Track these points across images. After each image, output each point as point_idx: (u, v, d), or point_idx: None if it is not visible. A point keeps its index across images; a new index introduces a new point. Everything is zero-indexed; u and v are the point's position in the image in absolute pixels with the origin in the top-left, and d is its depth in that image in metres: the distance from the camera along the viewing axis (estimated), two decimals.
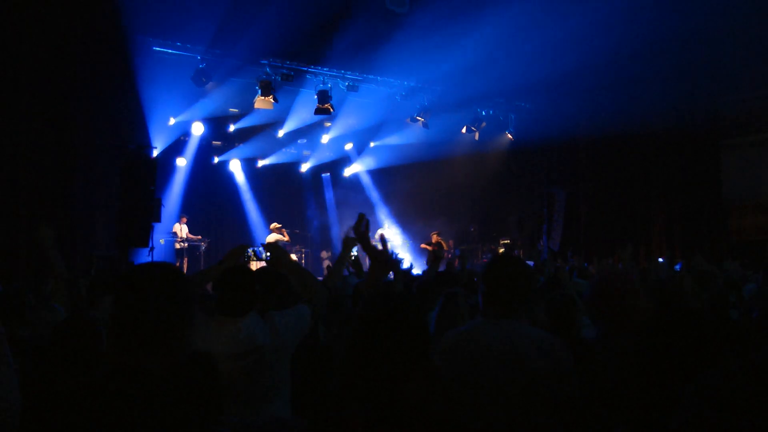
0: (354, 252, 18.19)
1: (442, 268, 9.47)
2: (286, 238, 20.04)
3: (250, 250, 3.83)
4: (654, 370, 2.41)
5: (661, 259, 17.26)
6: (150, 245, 15.12)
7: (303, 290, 4.38)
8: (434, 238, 21.19)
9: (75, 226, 13.48)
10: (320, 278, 5.76)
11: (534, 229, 23.31)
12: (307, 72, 18.79)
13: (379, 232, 20.34)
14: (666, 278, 7.43)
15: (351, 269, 9.90)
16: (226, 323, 3.90)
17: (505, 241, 22.41)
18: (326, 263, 22.00)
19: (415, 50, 17.53)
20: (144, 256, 15.41)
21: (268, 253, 4.39)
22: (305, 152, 24.31)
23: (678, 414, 1.79)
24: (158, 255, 17.85)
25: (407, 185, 23.82)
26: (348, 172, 25.27)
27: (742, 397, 1.67)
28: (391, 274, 4.33)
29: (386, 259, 3.77)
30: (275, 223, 20.20)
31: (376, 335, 2.22)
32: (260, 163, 23.29)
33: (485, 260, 21.35)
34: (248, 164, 23.17)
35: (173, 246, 18.53)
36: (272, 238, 19.27)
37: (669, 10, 17.14)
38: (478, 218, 23.77)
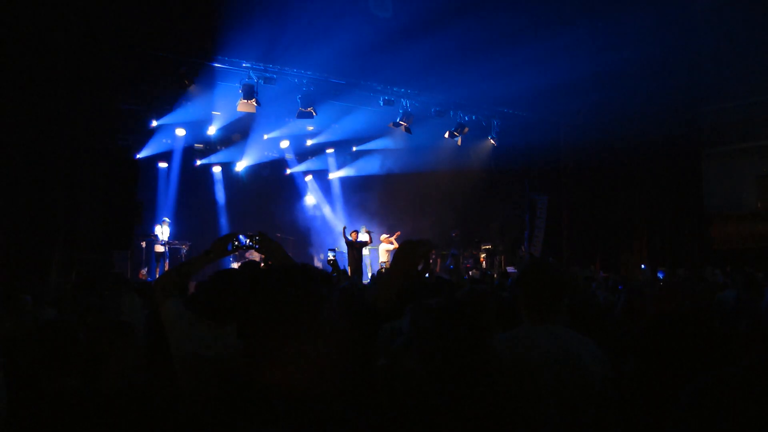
0: (330, 256, 18.24)
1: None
2: (396, 246, 20.63)
3: (240, 238, 3.75)
4: (657, 372, 2.44)
5: (642, 266, 17.35)
6: (131, 247, 15.08)
7: None
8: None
9: (56, 228, 13.36)
10: None
11: (516, 235, 23.37)
12: (289, 75, 18.73)
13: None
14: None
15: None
16: (213, 327, 3.86)
17: (487, 247, 22.43)
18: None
19: (398, 55, 17.51)
20: (124, 259, 15.36)
21: (255, 243, 4.28)
22: (288, 156, 24.24)
23: (672, 414, 1.80)
24: (139, 257, 17.80)
25: (389, 190, 23.80)
26: (330, 176, 25.22)
27: (735, 400, 1.67)
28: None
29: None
30: (385, 235, 21.17)
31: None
32: (242, 167, 23.19)
33: (468, 265, 21.38)
34: (230, 167, 23.08)
35: (154, 248, 18.42)
36: (383, 248, 20.86)
37: (652, 23, 17.26)
38: (461, 223, 23.75)
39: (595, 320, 4.78)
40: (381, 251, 21.16)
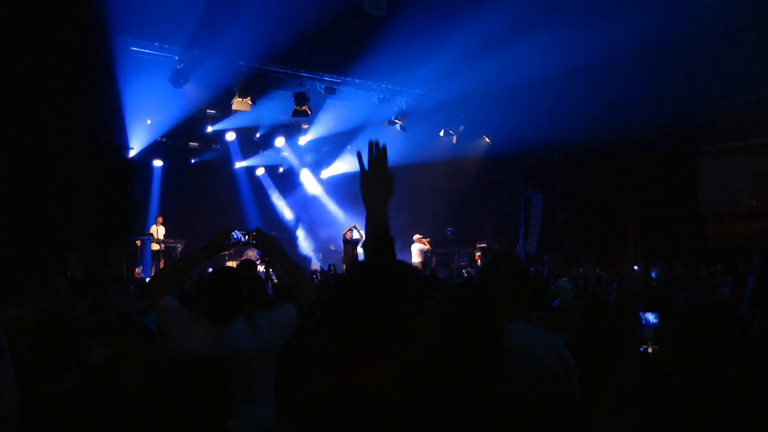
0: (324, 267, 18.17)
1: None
2: (428, 247, 21.20)
3: (235, 234, 3.75)
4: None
5: (636, 267, 17.34)
6: (126, 246, 15.08)
7: (290, 283, 4.33)
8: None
9: (51, 227, 13.32)
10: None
11: (511, 234, 23.36)
12: (284, 74, 18.73)
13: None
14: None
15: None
16: (211, 326, 3.85)
17: (482, 245, 22.44)
18: (316, 265, 22.09)
19: (393, 53, 17.51)
20: (120, 257, 15.35)
21: (251, 239, 4.28)
22: (283, 154, 24.26)
23: (656, 407, 1.79)
24: (134, 256, 17.78)
25: None
26: (325, 174, 25.24)
27: (722, 402, 1.67)
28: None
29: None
30: (418, 235, 21.29)
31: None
32: (237, 165, 23.21)
33: (462, 263, 21.40)
34: (225, 166, 23.08)
35: (150, 247, 18.40)
36: (416, 248, 20.96)
37: (646, 20, 17.26)
38: (456, 222, 23.77)
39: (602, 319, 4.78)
40: (414, 251, 21.07)
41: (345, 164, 24.71)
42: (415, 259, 20.66)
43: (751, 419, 1.65)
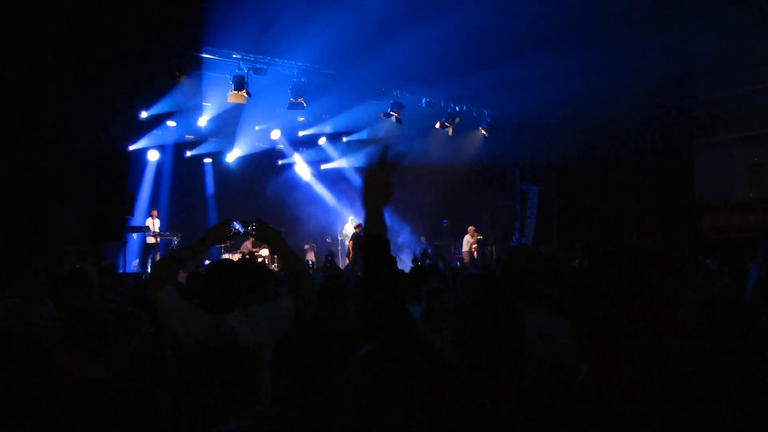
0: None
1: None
2: (474, 240, 21.55)
3: (234, 224, 3.76)
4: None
5: None
6: (122, 240, 15.07)
7: (289, 276, 4.31)
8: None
9: (46, 221, 13.28)
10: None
11: (507, 226, 23.36)
12: (280, 66, 18.65)
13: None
14: None
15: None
16: (207, 318, 3.83)
17: (479, 237, 22.42)
18: (310, 255, 22.05)
19: (389, 45, 17.45)
20: (116, 251, 15.34)
21: (251, 230, 4.25)
22: (279, 147, 24.20)
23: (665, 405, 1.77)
24: (131, 249, 17.74)
25: None
26: (322, 166, 25.19)
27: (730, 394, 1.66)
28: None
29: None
30: (472, 227, 21.67)
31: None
32: (233, 158, 23.11)
33: (458, 256, 21.39)
34: (221, 158, 23.00)
35: (145, 240, 18.37)
36: (466, 238, 21.51)
37: (643, 13, 17.25)
38: (451, 214, 23.71)
39: None
40: (465, 241, 21.56)
41: (342, 157, 24.70)
42: (465, 249, 21.32)
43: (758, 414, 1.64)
